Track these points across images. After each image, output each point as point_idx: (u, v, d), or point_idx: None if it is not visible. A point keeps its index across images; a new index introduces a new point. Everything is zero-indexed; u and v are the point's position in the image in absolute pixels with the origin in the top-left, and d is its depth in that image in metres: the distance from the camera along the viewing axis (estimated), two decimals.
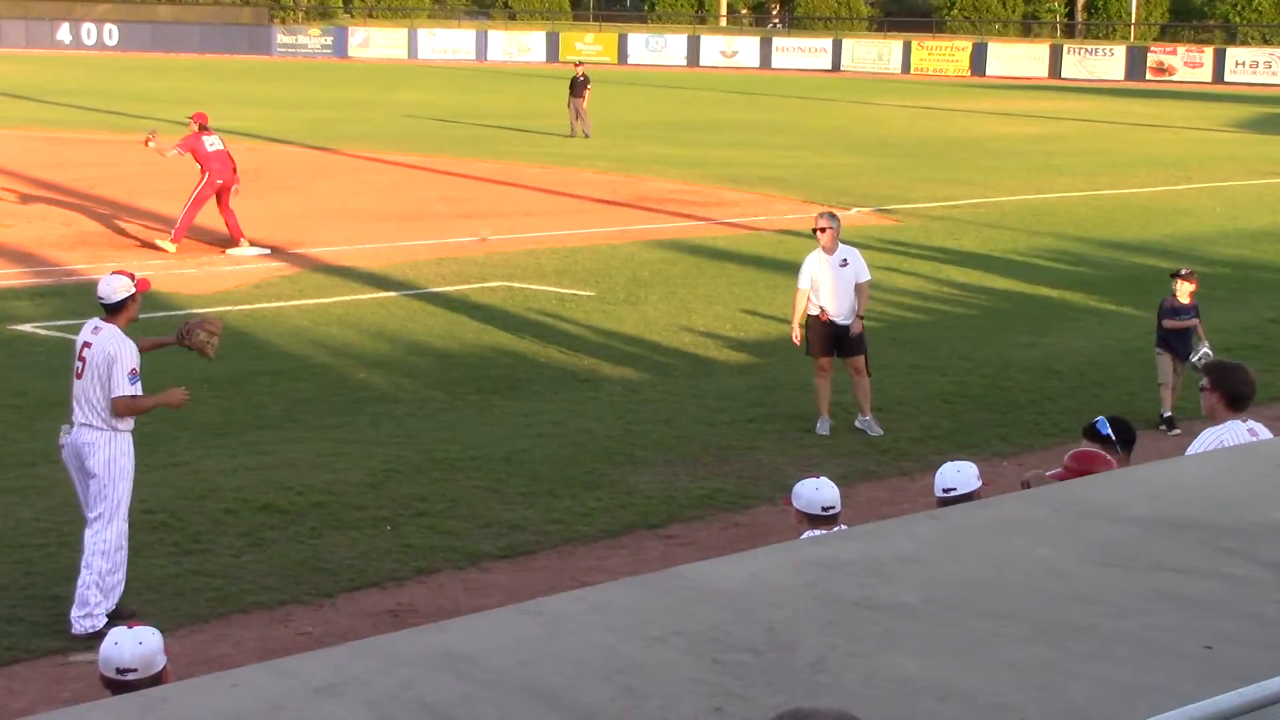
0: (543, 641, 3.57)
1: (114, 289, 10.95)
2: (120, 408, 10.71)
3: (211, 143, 25.31)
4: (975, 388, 17.61)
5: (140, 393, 10.78)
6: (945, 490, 8.58)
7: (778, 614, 3.72)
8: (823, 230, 15.86)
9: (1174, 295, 16.66)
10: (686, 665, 3.38)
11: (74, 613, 10.50)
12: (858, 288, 15.87)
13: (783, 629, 3.60)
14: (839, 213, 17.71)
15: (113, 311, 10.91)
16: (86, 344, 10.83)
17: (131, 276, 11.16)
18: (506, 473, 14.03)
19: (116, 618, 10.27)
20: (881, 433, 15.61)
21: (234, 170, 25.40)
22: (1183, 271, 17.07)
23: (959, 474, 8.67)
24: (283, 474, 13.81)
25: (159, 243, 25.19)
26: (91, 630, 10.31)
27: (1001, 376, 18.15)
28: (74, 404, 10.82)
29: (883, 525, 4.70)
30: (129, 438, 10.84)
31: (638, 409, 16.40)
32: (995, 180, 37.87)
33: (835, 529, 8.41)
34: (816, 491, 8.96)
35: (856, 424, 15.80)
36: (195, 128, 25.53)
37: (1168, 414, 16.25)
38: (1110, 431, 8.69)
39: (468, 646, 3.49)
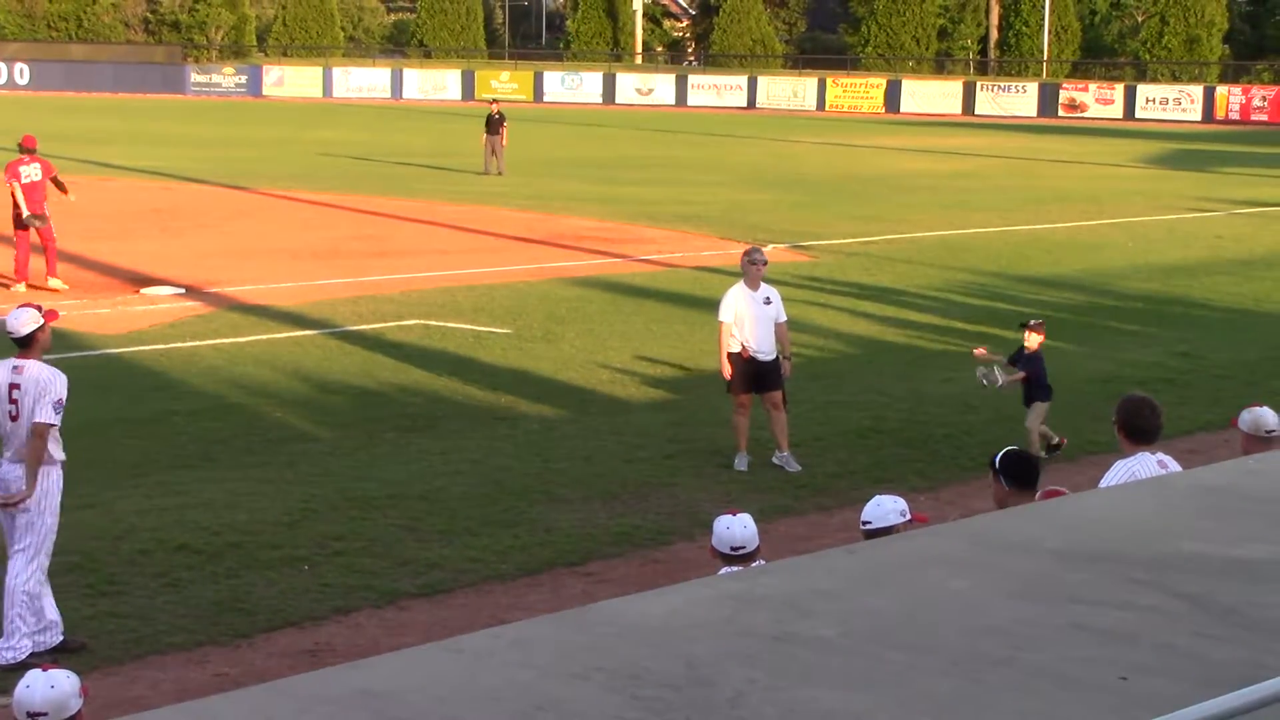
0: (461, 679, 3.56)
1: (22, 321, 10.94)
2: (40, 433, 10.64)
3: (27, 173, 25.13)
4: (892, 422, 17.69)
5: (57, 424, 10.76)
6: (863, 523, 8.63)
7: (696, 649, 3.72)
8: (760, 265, 15.93)
9: (1024, 344, 16.68)
10: (606, 701, 3.39)
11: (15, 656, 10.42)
12: (778, 327, 15.93)
13: (701, 664, 3.61)
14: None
15: (25, 345, 10.87)
16: (14, 385, 10.73)
17: (39, 308, 11.12)
18: (424, 511, 13.98)
19: (62, 650, 10.45)
20: (799, 468, 15.65)
21: (43, 201, 25.12)
22: (1032, 321, 17.07)
23: (877, 508, 8.71)
24: (199, 514, 13.71)
25: (53, 283, 24.85)
26: (13, 661, 10.26)
27: (918, 411, 18.25)
28: (7, 444, 10.78)
29: (800, 560, 4.72)
30: (59, 472, 10.79)
31: (555, 446, 16.39)
32: (910, 216, 38.13)
33: (754, 565, 8.43)
34: (727, 530, 8.98)
35: (774, 460, 15.83)
36: (18, 153, 25.39)
37: (1053, 440, 16.40)
38: (998, 464, 8.70)
39: (386, 685, 3.48)
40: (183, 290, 25.14)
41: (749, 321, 15.80)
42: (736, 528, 8.96)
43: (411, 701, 3.39)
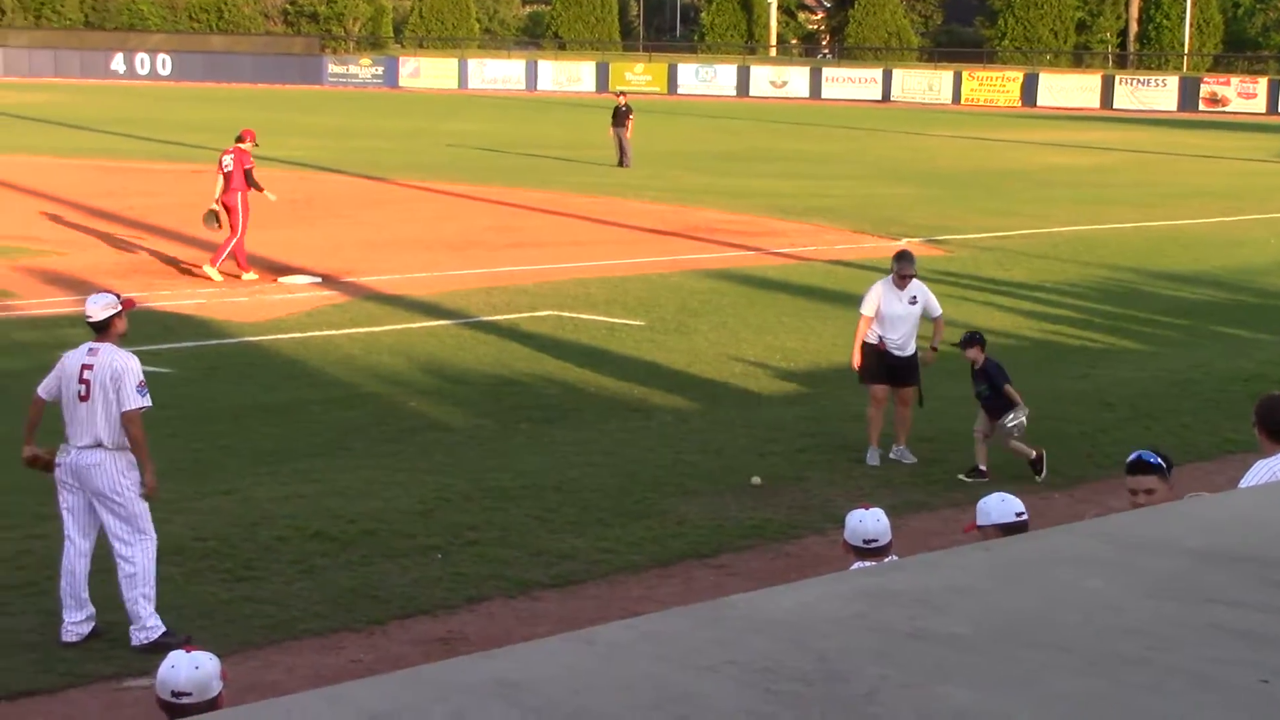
0: (595, 670, 3.57)
1: (99, 306, 11.15)
2: (133, 419, 10.79)
3: (224, 163, 25.44)
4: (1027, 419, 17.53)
5: (150, 404, 10.92)
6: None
7: (829, 644, 3.71)
8: (907, 277, 15.90)
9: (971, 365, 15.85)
10: (738, 695, 3.38)
11: (132, 629, 10.61)
12: (935, 321, 16.01)
13: (835, 659, 3.60)
14: (880, 245, 17.70)
15: (101, 330, 11.05)
16: (86, 365, 10.88)
17: (118, 295, 11.32)
18: (557, 502, 14.05)
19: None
20: (915, 460, 15.57)
21: (236, 191, 25.33)
22: (960, 341, 15.92)
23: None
24: (334, 502, 13.86)
25: (244, 275, 25.23)
26: (148, 641, 10.47)
27: (1053, 408, 18.07)
28: (73, 426, 10.87)
29: (934, 556, 4.69)
30: (129, 456, 10.89)
31: (688, 439, 16.40)
32: (1046, 211, 37.76)
33: (886, 560, 8.40)
34: (860, 523, 8.97)
35: (891, 454, 15.76)
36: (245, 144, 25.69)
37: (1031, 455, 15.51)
38: (1159, 460, 8.60)
39: (519, 675, 3.50)
40: (319, 279, 25.42)
41: (889, 318, 15.82)
42: (869, 521, 8.95)
43: (545, 692, 3.41)
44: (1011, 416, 15.30)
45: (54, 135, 53.02)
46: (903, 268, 16.03)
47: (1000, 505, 8.80)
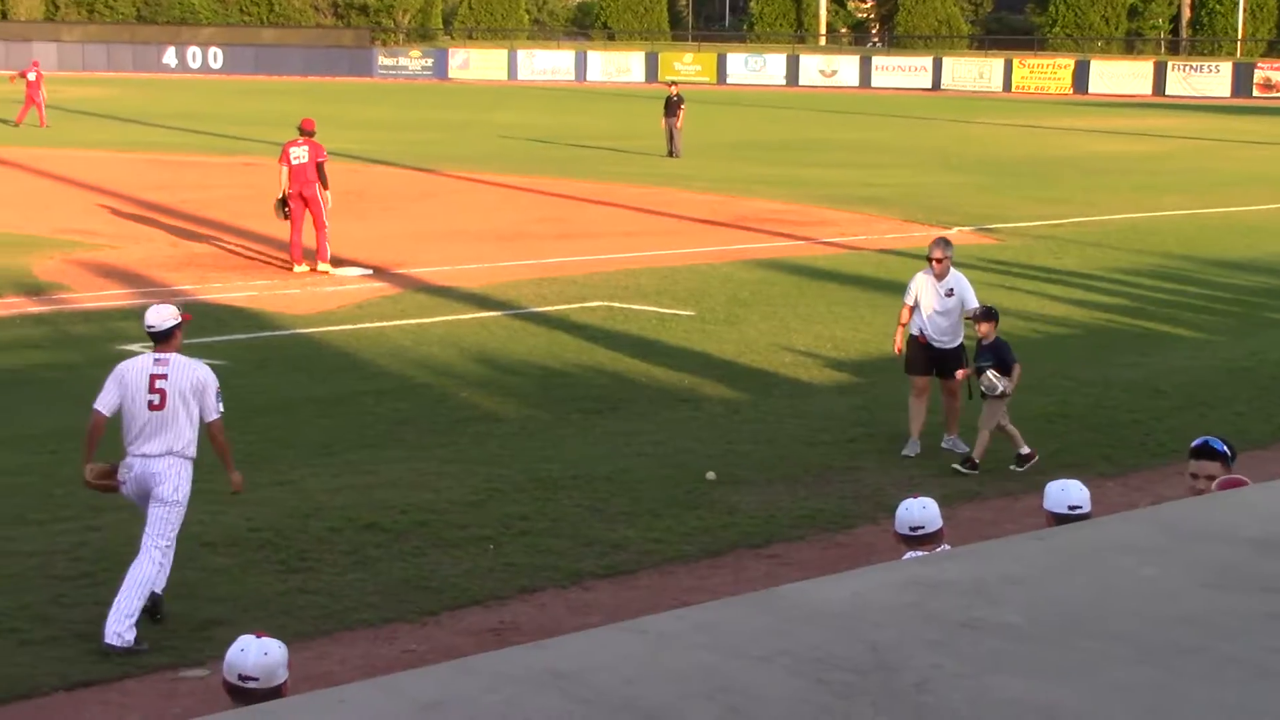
0: (646, 660, 3.57)
1: (163, 317, 11.25)
2: (220, 429, 10.98)
3: (295, 155, 25.36)
4: (1079, 407, 17.47)
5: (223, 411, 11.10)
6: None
7: (881, 634, 3.70)
8: (939, 261, 15.79)
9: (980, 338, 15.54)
10: (791, 684, 3.38)
11: (113, 623, 10.52)
12: (969, 313, 15.80)
13: (887, 649, 3.59)
14: (931, 234, 17.63)
15: (163, 339, 11.12)
16: (159, 375, 10.92)
17: (178, 308, 11.51)
18: (608, 492, 14.06)
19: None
20: (968, 449, 15.49)
21: (310, 183, 25.27)
22: (977, 312, 15.52)
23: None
24: (386, 493, 13.90)
25: (321, 267, 25.29)
26: (118, 646, 10.38)
27: (1105, 396, 18.01)
28: (144, 435, 10.87)
29: (987, 545, 4.68)
30: (191, 465, 10.96)
31: (738, 429, 16.39)
32: (1099, 199, 37.58)
33: (938, 549, 8.38)
34: (906, 511, 8.94)
35: (943, 444, 15.71)
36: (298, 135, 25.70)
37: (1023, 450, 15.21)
38: (1226, 448, 8.55)
39: (571, 665, 3.50)
40: (370, 271, 25.50)
41: (925, 309, 15.75)
42: (915, 509, 8.93)
43: (597, 682, 3.41)
44: (995, 381, 14.99)
45: (107, 129, 53.33)
46: (931, 250, 15.99)
47: (1059, 494, 8.79)
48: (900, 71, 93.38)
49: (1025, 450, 15.14)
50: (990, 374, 14.96)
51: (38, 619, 10.92)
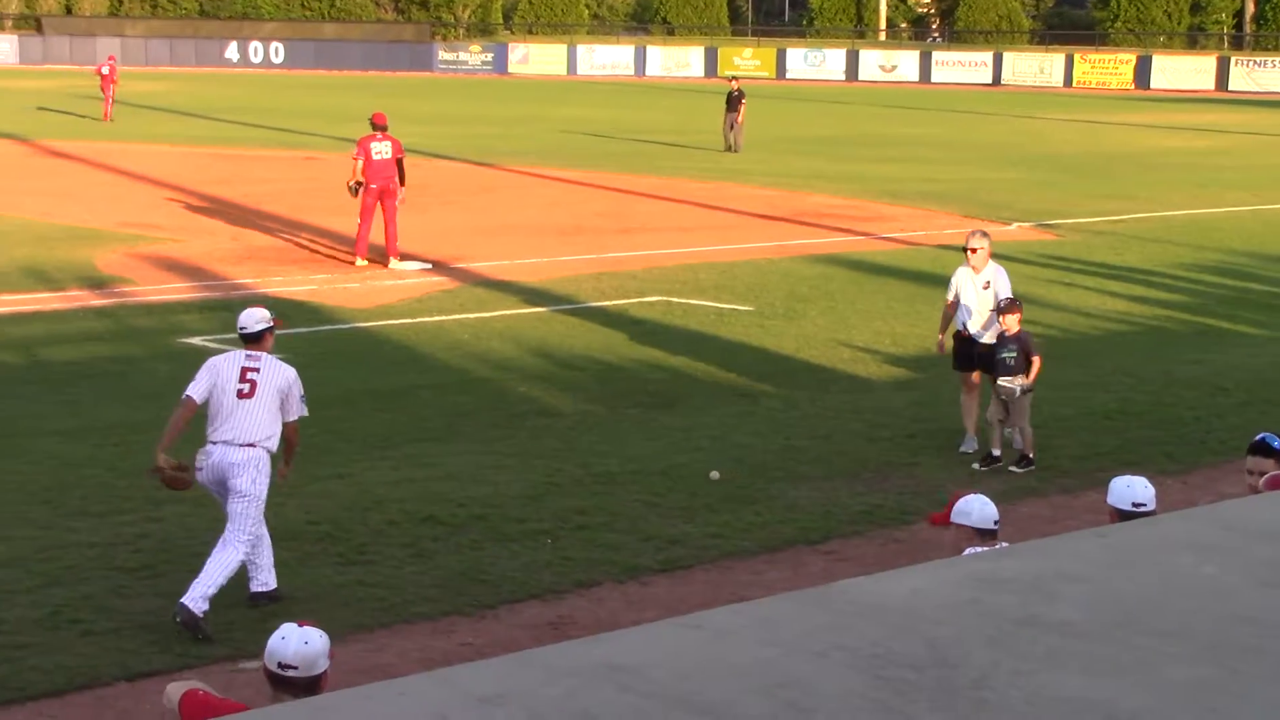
0: (704, 655, 3.58)
1: (255, 319, 11.53)
2: (295, 429, 11.26)
3: (378, 150, 25.35)
4: (1139, 404, 17.38)
5: (306, 414, 11.42)
6: (1135, 505, 8.51)
7: (939, 630, 3.70)
8: (974, 250, 15.71)
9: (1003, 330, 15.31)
10: (848, 680, 3.38)
11: (192, 593, 10.67)
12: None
13: (945, 645, 3.59)
14: (990, 230, 17.52)
15: (253, 340, 11.33)
16: (251, 368, 11.13)
17: (271, 312, 11.81)
18: (665, 487, 14.07)
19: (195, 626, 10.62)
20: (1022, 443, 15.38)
21: (391, 178, 25.39)
22: (1002, 303, 15.33)
23: (1146, 489, 8.59)
24: (444, 486, 13.95)
25: (393, 264, 25.39)
26: (194, 610, 10.57)
27: (1166, 393, 17.90)
28: (229, 424, 11.04)
29: (1045, 542, 4.67)
30: (270, 460, 11.10)
31: (796, 424, 16.37)
32: (1160, 195, 37.34)
33: (997, 546, 8.35)
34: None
35: (1003, 436, 15.57)
36: (371, 129, 25.73)
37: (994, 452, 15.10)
38: None
39: (629, 659, 3.51)
40: (429, 265, 25.58)
41: (967, 303, 15.68)
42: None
43: (654, 676, 3.42)
44: (1011, 387, 14.88)
45: (170, 124, 53.67)
46: (966, 240, 15.94)
47: (1124, 490, 8.74)
48: (960, 66, 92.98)
49: (997, 453, 14.96)
50: (1003, 382, 14.85)
51: (99, 610, 11.01)
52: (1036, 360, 14.99)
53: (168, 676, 10.00)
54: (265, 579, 11.16)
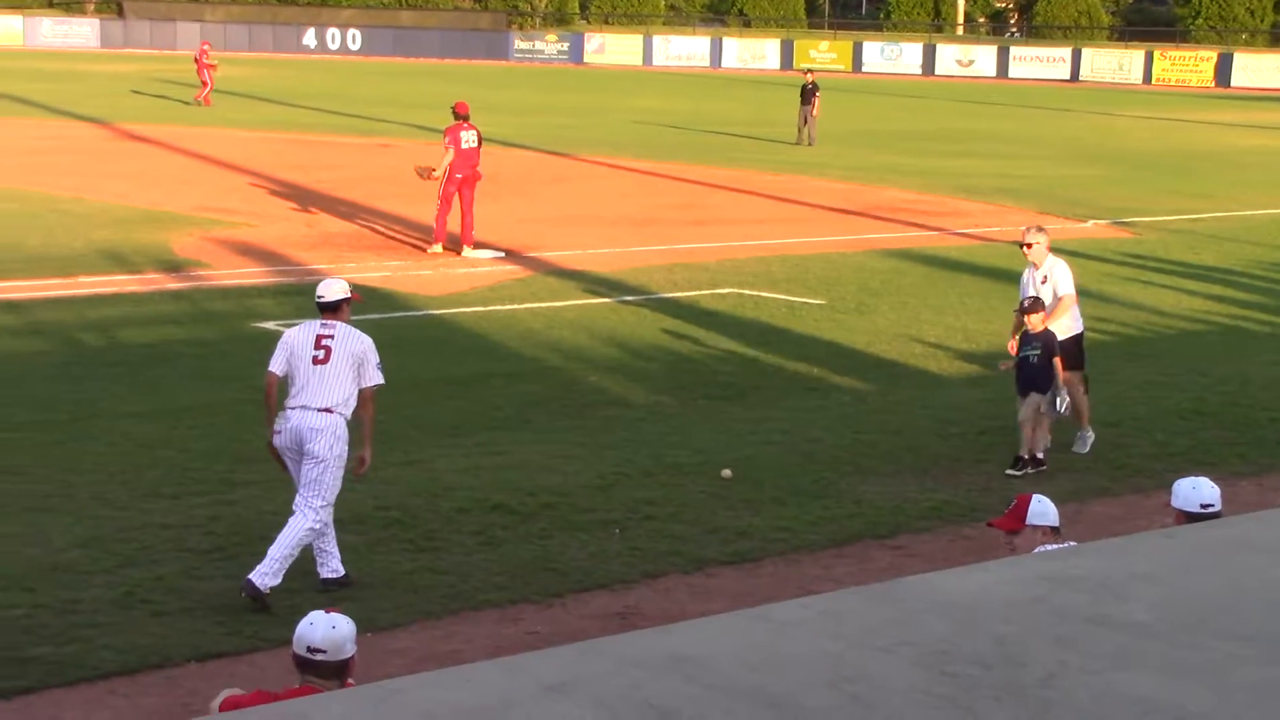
0: (770, 647, 3.58)
1: (333, 290, 11.71)
2: (371, 396, 11.34)
3: (466, 139, 25.54)
4: (1214, 404, 17.23)
5: (384, 383, 11.49)
6: (1203, 506, 8.43)
7: (1007, 628, 3.69)
8: (1030, 246, 15.66)
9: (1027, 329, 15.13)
10: (914, 676, 3.38)
11: (261, 568, 10.86)
12: (1056, 301, 15.44)
13: (1012, 643, 3.58)
14: (1066, 227, 17.41)
15: (331, 310, 11.50)
16: (326, 335, 11.30)
17: (350, 284, 12.00)
18: (734, 479, 14.05)
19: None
20: (1093, 437, 15.25)
21: (476, 166, 25.54)
22: (1025, 304, 15.17)
23: (1212, 489, 8.51)
24: (514, 475, 13.99)
25: (431, 249, 25.52)
26: (260, 587, 10.75)
27: (1241, 394, 17.74)
28: (306, 389, 11.20)
29: (1116, 542, 4.64)
30: (346, 428, 11.21)
31: (866, 419, 16.33)
32: (1240, 194, 37.01)
33: (1066, 544, 8.30)
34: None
35: (1076, 440, 15.44)
36: (455, 118, 25.85)
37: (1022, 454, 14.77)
38: None
39: (695, 650, 3.52)
40: (502, 254, 25.65)
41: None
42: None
43: (720, 668, 3.43)
44: (1059, 401, 14.72)
45: (247, 109, 54.00)
46: (1022, 236, 15.89)
47: (1190, 492, 8.66)
48: (1038, 62, 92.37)
49: (1028, 456, 14.75)
50: (1061, 406, 14.71)
51: (171, 591, 11.12)
52: (1058, 362, 14.87)
53: (237, 658, 10.11)
54: (335, 565, 11.25)
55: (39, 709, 9.40)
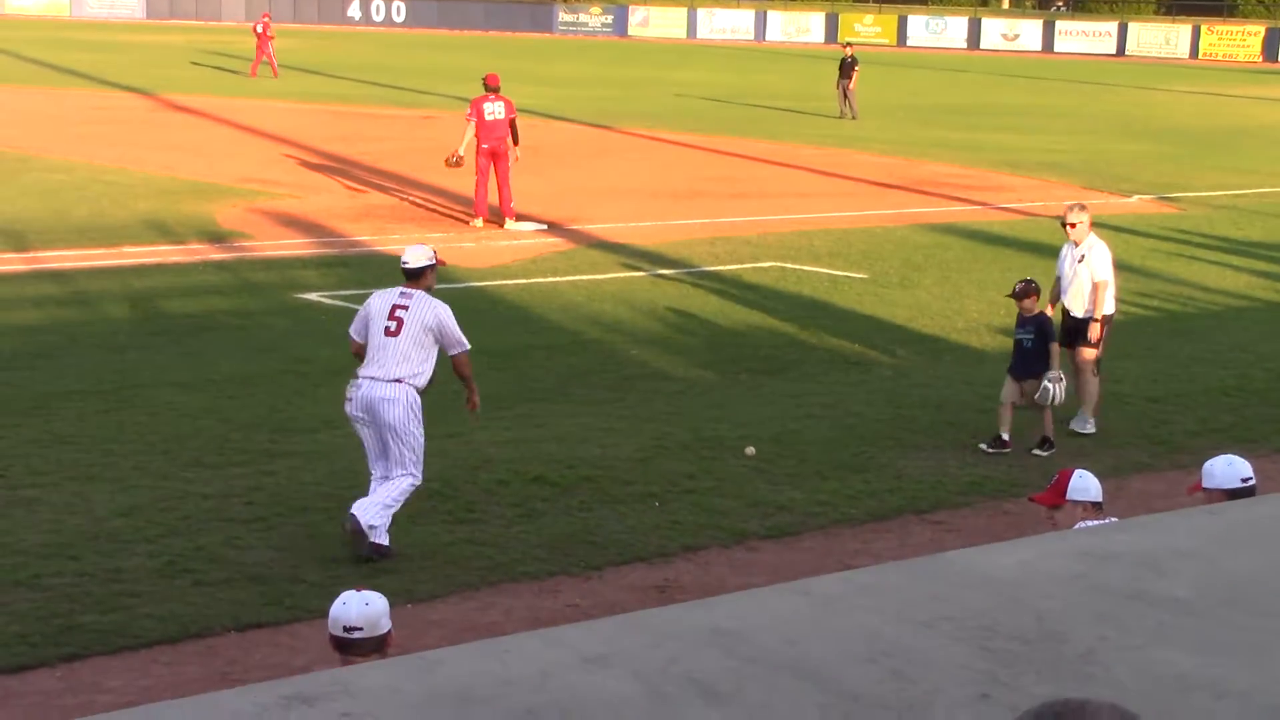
0: (809, 621, 3.58)
1: (417, 256, 11.91)
2: (465, 361, 11.68)
3: (490, 110, 25.48)
4: (1258, 381, 17.15)
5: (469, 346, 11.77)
6: (1244, 480, 8.34)
7: (1047, 603, 3.69)
8: (1073, 225, 15.58)
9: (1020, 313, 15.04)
10: (954, 651, 3.38)
11: (369, 508, 11.18)
12: (1093, 286, 15.39)
13: (1052, 618, 3.57)
14: (1111, 202, 17.32)
15: (414, 278, 11.70)
16: (400, 306, 11.48)
17: (434, 250, 12.14)
18: (775, 453, 14.05)
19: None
20: (1093, 430, 15.08)
21: (503, 139, 25.48)
22: (1016, 288, 15.06)
23: (1229, 467, 8.41)
24: (554, 447, 14.01)
25: (474, 222, 25.54)
26: (381, 544, 11.13)
27: None
28: (376, 360, 11.38)
29: (1157, 518, 4.63)
30: (419, 395, 11.34)
31: (908, 393, 16.30)
32: None
33: (1106, 520, 8.27)
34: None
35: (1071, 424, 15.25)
36: (484, 90, 25.80)
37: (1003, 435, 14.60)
38: None
39: (734, 623, 3.52)
40: (545, 226, 25.65)
41: (1061, 277, 15.60)
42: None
43: (760, 641, 3.43)
44: (1048, 385, 14.60)
45: (292, 81, 54.09)
46: (1065, 214, 15.82)
47: (1226, 469, 8.58)
48: (1084, 36, 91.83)
49: (1051, 436, 14.61)
50: (1051, 385, 14.53)
51: (212, 561, 11.17)
52: (1054, 348, 14.76)
53: (277, 629, 10.16)
54: (382, 535, 11.31)
55: (83, 675, 9.46)
